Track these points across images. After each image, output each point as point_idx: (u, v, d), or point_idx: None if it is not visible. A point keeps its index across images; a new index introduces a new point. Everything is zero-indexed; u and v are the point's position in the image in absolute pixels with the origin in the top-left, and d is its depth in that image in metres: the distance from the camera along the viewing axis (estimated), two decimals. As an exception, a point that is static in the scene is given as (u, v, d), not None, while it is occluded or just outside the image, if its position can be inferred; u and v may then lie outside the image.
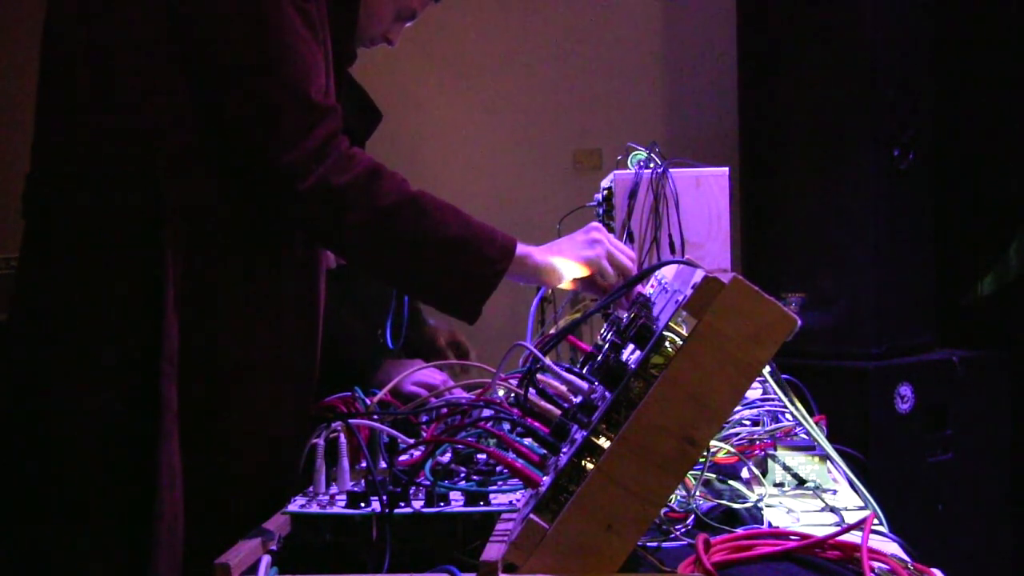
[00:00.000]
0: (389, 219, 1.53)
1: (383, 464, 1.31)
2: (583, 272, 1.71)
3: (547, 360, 1.31)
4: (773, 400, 1.62)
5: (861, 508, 1.41)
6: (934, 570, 1.13)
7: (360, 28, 2.12)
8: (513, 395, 1.40)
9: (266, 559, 1.14)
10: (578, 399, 1.25)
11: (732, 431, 1.57)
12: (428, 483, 1.23)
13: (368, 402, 1.50)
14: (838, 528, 1.21)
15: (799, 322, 1.07)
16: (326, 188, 1.49)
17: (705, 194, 2.08)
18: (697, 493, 1.37)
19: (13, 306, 1.57)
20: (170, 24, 1.48)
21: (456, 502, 1.23)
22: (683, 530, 1.31)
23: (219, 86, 1.49)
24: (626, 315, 1.37)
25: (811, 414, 1.60)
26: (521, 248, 1.63)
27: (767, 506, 1.42)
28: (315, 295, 1.64)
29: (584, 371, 1.37)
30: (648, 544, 1.26)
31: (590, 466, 1.10)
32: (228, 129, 1.49)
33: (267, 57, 1.48)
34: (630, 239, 2.06)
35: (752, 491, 1.45)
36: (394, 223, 1.53)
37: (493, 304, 2.53)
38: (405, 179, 1.57)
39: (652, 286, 1.56)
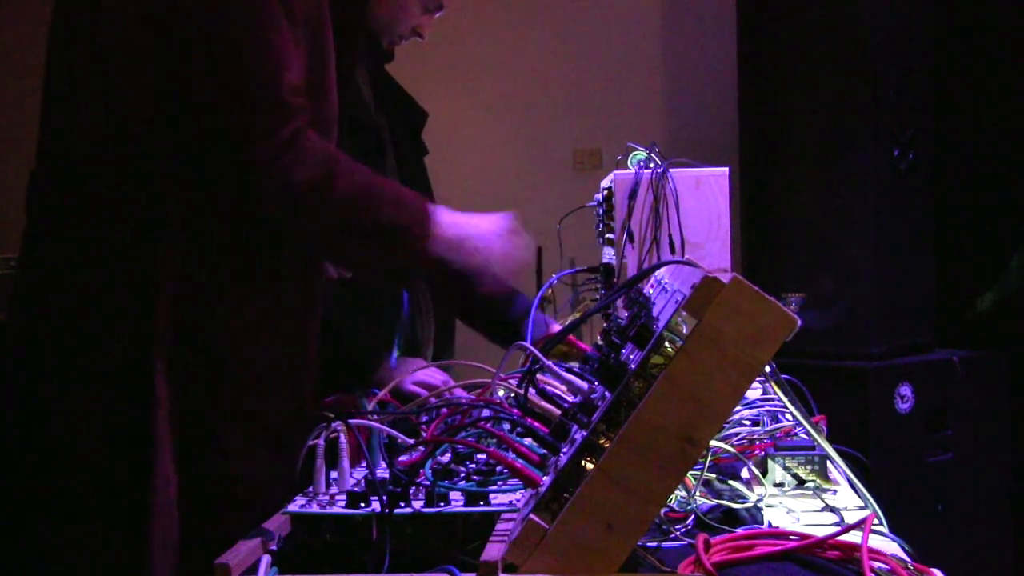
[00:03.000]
0: (346, 214, 1.55)
1: (383, 464, 1.31)
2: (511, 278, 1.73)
3: (547, 360, 1.31)
4: (773, 400, 1.62)
5: (861, 508, 1.41)
6: (934, 570, 1.13)
7: (390, 23, 2.12)
8: (513, 395, 1.40)
9: (266, 559, 1.14)
10: (578, 399, 1.25)
11: (732, 431, 1.57)
12: (428, 483, 1.24)
13: (368, 402, 1.50)
14: (838, 528, 1.21)
15: (799, 322, 1.07)
16: (289, 184, 1.49)
17: (705, 194, 2.07)
18: (697, 493, 1.37)
19: (12, 304, 1.57)
20: (153, 21, 1.48)
21: (456, 502, 1.23)
22: (683, 530, 1.31)
23: (192, 80, 1.48)
24: (626, 315, 1.37)
25: (811, 414, 1.60)
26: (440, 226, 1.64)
27: (767, 506, 1.42)
28: (312, 295, 1.64)
29: (583, 371, 1.37)
30: (648, 544, 1.26)
31: (590, 466, 1.10)
32: (198, 125, 1.49)
33: (241, 52, 1.47)
34: (630, 239, 2.06)
35: (752, 491, 1.45)
36: (350, 217, 1.55)
37: (493, 304, 2.53)
38: (363, 169, 1.58)
39: (652, 286, 1.56)
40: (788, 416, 1.55)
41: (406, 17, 2.13)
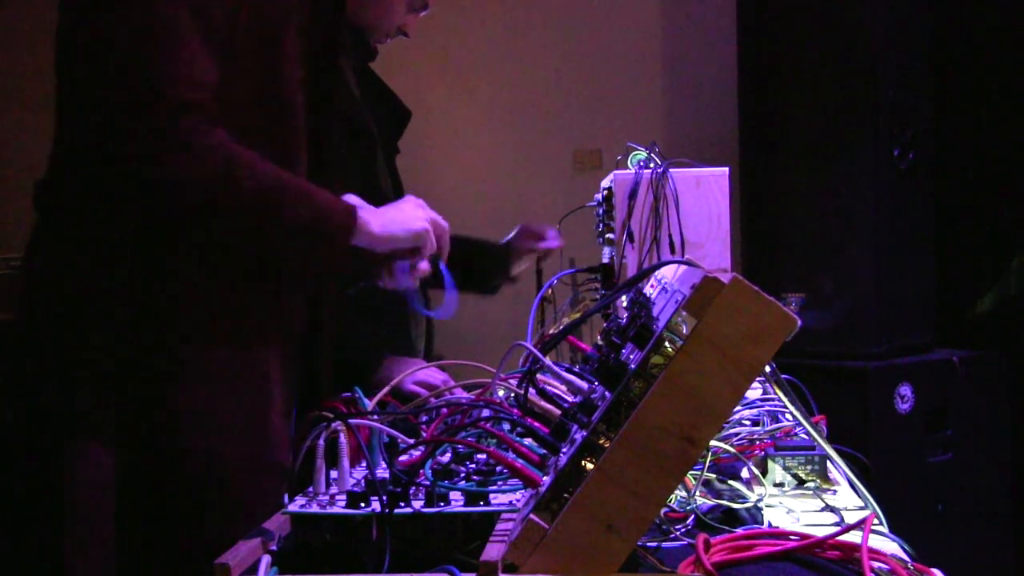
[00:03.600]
0: (250, 211, 1.53)
1: (383, 464, 1.31)
2: (413, 243, 1.69)
3: (547, 360, 1.31)
4: (773, 400, 1.62)
5: (861, 508, 1.41)
6: (934, 570, 1.13)
7: (376, 22, 2.13)
8: (513, 395, 1.40)
9: (266, 559, 1.14)
10: (578, 399, 1.25)
11: (732, 431, 1.57)
12: (428, 483, 1.24)
13: (368, 402, 1.50)
14: (838, 528, 1.21)
15: (799, 322, 1.07)
16: (182, 181, 1.47)
17: (705, 194, 2.07)
18: (697, 493, 1.38)
19: (19, 303, 1.61)
20: (70, 23, 1.50)
21: (456, 502, 1.23)
22: (683, 530, 1.31)
23: (80, 78, 1.48)
24: (626, 315, 1.37)
25: (811, 414, 1.60)
26: (361, 216, 1.62)
27: (767, 506, 1.42)
28: (281, 292, 1.63)
29: (583, 371, 1.37)
30: (648, 544, 1.26)
31: (590, 466, 1.10)
32: (89, 124, 1.48)
33: (128, 46, 1.45)
34: (630, 239, 2.06)
35: (752, 491, 1.45)
36: (255, 215, 1.53)
37: (493, 304, 2.53)
38: (270, 168, 1.55)
39: (652, 286, 1.56)
40: (788, 416, 1.55)
41: (392, 16, 2.14)
